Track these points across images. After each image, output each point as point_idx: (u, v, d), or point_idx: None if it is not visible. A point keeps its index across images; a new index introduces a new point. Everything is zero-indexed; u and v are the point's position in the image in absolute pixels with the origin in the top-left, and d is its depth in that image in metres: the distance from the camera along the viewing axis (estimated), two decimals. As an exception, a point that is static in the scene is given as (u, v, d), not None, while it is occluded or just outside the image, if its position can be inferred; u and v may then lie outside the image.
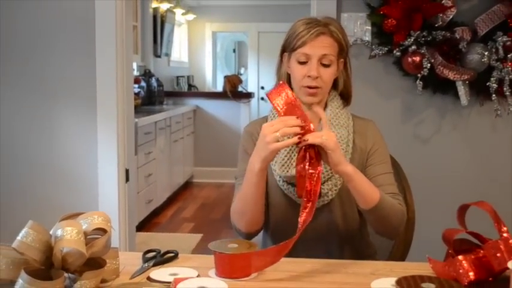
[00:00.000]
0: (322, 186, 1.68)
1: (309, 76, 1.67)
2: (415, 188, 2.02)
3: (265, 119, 1.82)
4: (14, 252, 1.27)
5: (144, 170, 4.79)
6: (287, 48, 1.73)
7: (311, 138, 1.50)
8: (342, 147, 1.68)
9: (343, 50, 1.72)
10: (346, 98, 1.80)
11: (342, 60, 1.74)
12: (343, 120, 1.75)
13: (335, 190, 1.71)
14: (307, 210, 1.49)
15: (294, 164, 1.68)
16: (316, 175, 1.51)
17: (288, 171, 1.69)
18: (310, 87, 1.69)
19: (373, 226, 1.73)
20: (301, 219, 1.48)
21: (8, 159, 2.96)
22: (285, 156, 1.71)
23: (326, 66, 1.68)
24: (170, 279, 1.40)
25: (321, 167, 1.52)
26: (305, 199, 1.50)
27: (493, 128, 2.90)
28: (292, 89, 1.68)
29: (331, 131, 1.58)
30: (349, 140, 1.74)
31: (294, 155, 1.69)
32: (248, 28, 8.75)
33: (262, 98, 8.84)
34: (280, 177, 1.71)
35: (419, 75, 2.73)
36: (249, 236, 1.74)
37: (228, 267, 1.45)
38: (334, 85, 1.77)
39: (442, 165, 2.93)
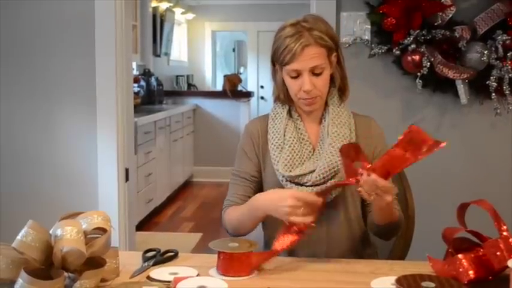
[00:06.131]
0: (325, 184, 1.69)
1: (304, 90, 1.68)
2: (415, 187, 2.02)
3: (266, 117, 1.82)
4: (14, 251, 1.27)
5: (144, 170, 4.79)
6: (276, 61, 1.73)
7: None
8: None
9: (332, 49, 1.70)
10: (343, 91, 1.79)
11: (334, 54, 1.73)
12: (345, 119, 1.75)
13: (338, 188, 1.71)
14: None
15: (297, 163, 1.70)
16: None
17: (291, 171, 1.69)
18: (307, 99, 1.70)
19: (374, 232, 1.75)
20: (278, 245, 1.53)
21: (8, 159, 2.96)
22: (288, 156, 1.71)
23: (318, 74, 1.68)
24: (170, 278, 1.40)
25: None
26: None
27: (493, 126, 2.90)
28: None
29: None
30: (352, 138, 1.74)
31: (297, 155, 1.71)
32: (248, 27, 8.74)
33: (262, 97, 8.84)
34: (283, 176, 1.71)
35: (418, 74, 2.72)
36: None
37: (233, 266, 1.46)
38: (333, 81, 1.77)
39: (441, 163, 2.92)
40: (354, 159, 1.51)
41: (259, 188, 1.80)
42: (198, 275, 1.45)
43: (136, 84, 5.68)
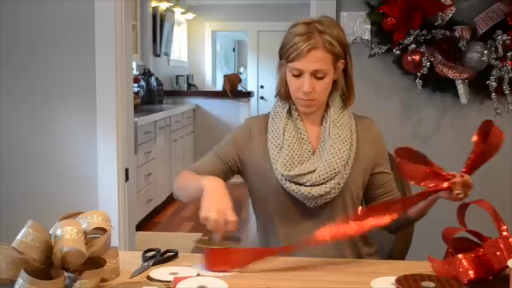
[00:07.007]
0: (324, 185, 1.69)
1: (302, 91, 1.68)
2: (414, 186, 2.01)
3: (267, 116, 1.83)
4: (14, 251, 1.27)
5: (144, 169, 4.79)
6: (282, 57, 1.73)
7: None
8: (346, 147, 1.71)
9: (339, 56, 1.71)
10: (347, 98, 1.80)
11: (342, 61, 1.73)
12: (346, 121, 1.77)
13: (338, 189, 1.71)
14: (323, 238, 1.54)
15: (296, 163, 1.71)
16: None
17: (290, 170, 1.70)
18: (304, 99, 1.71)
19: (394, 225, 1.74)
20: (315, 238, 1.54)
21: (8, 159, 2.96)
22: (287, 155, 1.72)
23: (320, 78, 1.68)
24: (170, 278, 1.40)
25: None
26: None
27: (493, 126, 2.89)
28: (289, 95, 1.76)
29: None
30: (353, 140, 1.75)
31: (296, 155, 1.72)
32: (248, 27, 8.75)
33: (262, 97, 8.84)
34: (282, 175, 1.72)
35: (418, 74, 2.73)
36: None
37: (215, 261, 1.50)
38: (335, 86, 1.77)
39: (441, 164, 2.90)
40: (428, 163, 1.57)
41: (227, 173, 1.82)
42: (198, 275, 1.45)
43: (136, 84, 5.68)
